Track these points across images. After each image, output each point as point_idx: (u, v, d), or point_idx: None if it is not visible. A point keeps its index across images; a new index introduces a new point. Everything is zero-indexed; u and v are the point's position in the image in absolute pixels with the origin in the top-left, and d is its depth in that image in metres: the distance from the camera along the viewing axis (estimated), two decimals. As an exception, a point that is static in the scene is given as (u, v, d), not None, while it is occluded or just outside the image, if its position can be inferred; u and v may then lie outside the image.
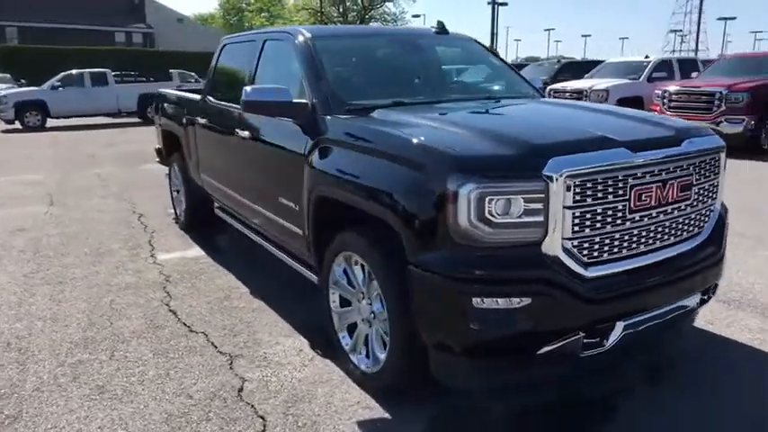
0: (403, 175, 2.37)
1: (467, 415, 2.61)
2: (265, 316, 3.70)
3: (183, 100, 5.28)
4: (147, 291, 4.18)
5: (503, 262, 2.22)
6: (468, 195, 2.14)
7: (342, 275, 2.92)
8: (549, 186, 2.15)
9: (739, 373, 2.96)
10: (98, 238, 5.54)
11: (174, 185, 5.93)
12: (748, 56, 12.41)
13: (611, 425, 2.53)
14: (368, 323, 2.80)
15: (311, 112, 3.12)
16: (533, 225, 2.19)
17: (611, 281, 2.32)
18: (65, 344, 3.37)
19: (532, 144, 2.27)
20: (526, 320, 2.22)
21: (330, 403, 2.73)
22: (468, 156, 2.24)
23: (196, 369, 3.06)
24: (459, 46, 4.04)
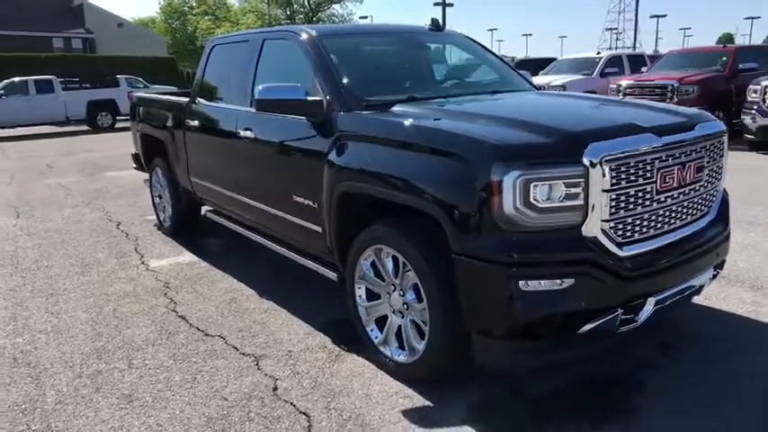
0: (444, 166, 2.42)
1: (505, 397, 2.69)
2: (279, 316, 3.68)
3: (167, 103, 5.16)
4: (149, 298, 4.08)
5: (546, 245, 2.31)
6: (514, 182, 2.22)
7: (369, 269, 2.95)
8: (588, 171, 2.25)
9: (743, 340, 3.16)
10: (79, 248, 5.35)
11: (156, 191, 5.79)
12: (693, 51, 13.10)
13: (642, 396, 2.65)
14: (400, 314, 2.84)
15: (326, 109, 3.14)
16: (574, 209, 2.28)
17: (642, 259, 2.44)
18: (76, 355, 3.26)
19: (570, 131, 2.38)
20: (570, 300, 2.31)
21: (369, 395, 2.75)
22: (510, 144, 2.32)
23: (223, 371, 3.03)
24: (454, 42, 4.12)
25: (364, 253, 2.92)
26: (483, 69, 3.99)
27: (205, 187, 4.62)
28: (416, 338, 2.75)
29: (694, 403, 2.59)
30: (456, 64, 3.98)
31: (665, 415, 2.51)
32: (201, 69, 4.65)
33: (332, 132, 3.06)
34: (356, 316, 3.09)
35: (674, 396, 2.64)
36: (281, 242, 3.83)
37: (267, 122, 3.59)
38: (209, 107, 4.39)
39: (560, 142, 2.31)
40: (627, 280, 2.37)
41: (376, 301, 2.98)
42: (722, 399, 2.62)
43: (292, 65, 3.60)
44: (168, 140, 5.09)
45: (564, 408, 2.60)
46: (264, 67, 3.85)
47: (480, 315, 2.41)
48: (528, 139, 2.35)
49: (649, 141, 2.42)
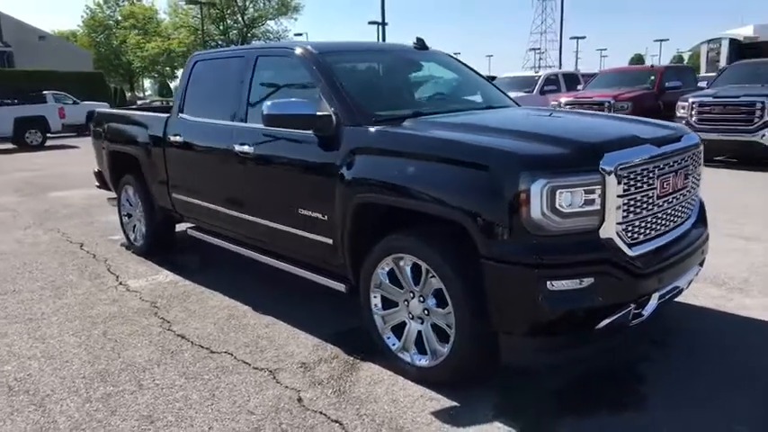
0: (472, 177, 2.56)
1: (527, 393, 2.85)
2: (282, 330, 3.69)
3: (143, 119, 5.05)
4: (139, 318, 3.97)
5: (569, 248, 2.49)
6: (541, 190, 2.39)
7: (385, 278, 3.04)
8: (605, 178, 2.47)
9: (719, 330, 3.48)
10: (45, 270, 5.11)
11: (126, 210, 5.62)
12: (624, 70, 14.07)
13: (645, 386, 2.88)
14: (419, 320, 2.95)
15: (336, 123, 3.22)
16: (592, 213, 2.48)
17: (647, 258, 2.67)
18: (78, 380, 3.15)
19: (588, 143, 2.59)
20: (590, 298, 2.50)
21: (396, 400, 2.83)
22: (536, 155, 2.50)
23: (241, 387, 3.02)
24: (440, 60, 4.31)
25: (382, 262, 3.01)
26: (471, 86, 4.19)
27: (189, 204, 4.56)
28: (438, 342, 2.86)
29: (692, 388, 2.84)
30: (447, 81, 4.16)
31: (670, 400, 2.73)
32: (184, 84, 4.60)
33: (344, 146, 3.15)
34: (372, 324, 3.16)
35: (675, 383, 2.88)
36: (279, 256, 3.84)
37: (269, 137, 3.63)
38: (196, 123, 4.35)
39: (580, 152, 2.52)
40: (639, 277, 2.59)
41: (393, 308, 3.07)
42: (714, 383, 2.88)
43: (292, 81, 3.67)
44: (144, 157, 4.97)
45: (581, 400, 2.78)
46: (260, 82, 3.88)
47: (509, 315, 2.56)
48: (551, 150, 2.54)
49: (651, 151, 2.68)
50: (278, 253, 3.85)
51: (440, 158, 2.70)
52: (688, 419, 2.60)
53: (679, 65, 17.49)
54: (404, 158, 2.84)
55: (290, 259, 3.77)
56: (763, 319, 3.62)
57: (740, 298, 3.94)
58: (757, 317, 3.64)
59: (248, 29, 50.72)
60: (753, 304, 3.82)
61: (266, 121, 3.28)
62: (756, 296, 3.96)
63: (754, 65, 11.11)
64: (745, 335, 3.45)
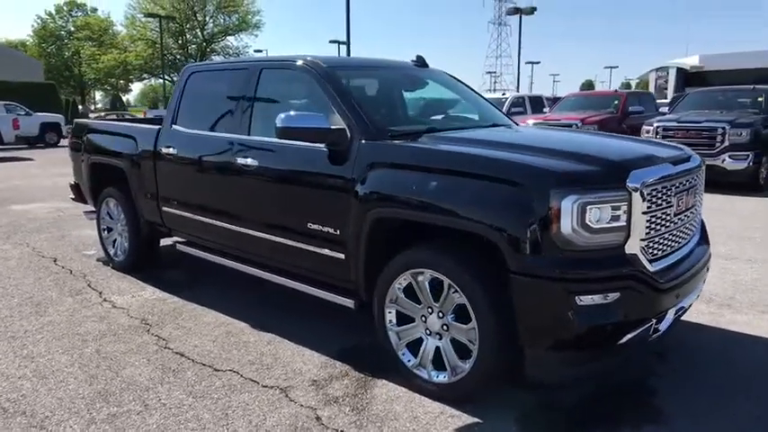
0: (501, 192, 2.58)
1: (548, 408, 2.86)
2: (285, 347, 3.60)
3: (131, 130, 4.90)
4: (131, 336, 3.81)
5: (597, 263, 2.54)
6: (572, 206, 2.44)
7: (401, 293, 3.02)
8: (631, 195, 2.53)
9: (716, 345, 3.60)
10: (20, 286, 4.85)
11: (105, 224, 5.41)
12: (589, 94, 14.59)
13: (658, 398, 2.94)
14: (438, 336, 2.93)
15: (350, 138, 3.21)
16: (619, 229, 2.54)
17: (664, 274, 2.74)
18: (78, 400, 2.98)
19: (615, 161, 2.66)
20: (616, 312, 2.55)
21: (416, 417, 2.79)
22: (567, 172, 2.54)
23: (254, 405, 2.92)
24: (440, 78, 4.35)
25: (399, 277, 2.98)
26: (472, 103, 4.25)
27: (181, 217, 4.42)
28: (457, 358, 2.84)
29: (703, 401, 2.91)
30: (451, 98, 4.20)
31: (685, 413, 2.79)
32: (177, 96, 4.49)
33: (359, 160, 3.13)
34: (386, 340, 3.12)
35: (686, 397, 2.95)
36: (283, 272, 3.76)
37: (276, 151, 3.57)
38: (192, 135, 4.25)
39: (608, 170, 2.58)
40: (660, 292, 2.66)
41: (408, 324, 3.05)
42: (721, 395, 2.97)
43: (300, 94, 3.63)
44: (131, 169, 4.81)
45: (600, 415, 2.81)
46: (264, 95, 3.83)
47: (538, 329, 2.57)
48: (580, 167, 2.60)
49: (669, 170, 2.77)
50: (281, 268, 3.76)
51: (468, 174, 2.71)
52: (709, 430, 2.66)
53: (640, 90, 18.29)
54: (428, 173, 2.83)
55: (294, 275, 3.69)
56: (757, 334, 3.75)
57: (731, 314, 4.09)
58: (751, 332, 3.78)
59: (208, 44, 50.22)
60: (744, 320, 3.97)
61: (279, 134, 3.24)
62: (747, 312, 4.12)
63: (712, 92, 11.71)
64: (743, 349, 3.57)
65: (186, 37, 49.25)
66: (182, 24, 47.44)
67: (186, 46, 49.35)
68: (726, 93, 11.54)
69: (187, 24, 48.43)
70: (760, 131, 9.82)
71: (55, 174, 13.06)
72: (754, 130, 9.71)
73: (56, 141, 22.82)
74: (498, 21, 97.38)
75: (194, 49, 50.03)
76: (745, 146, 9.57)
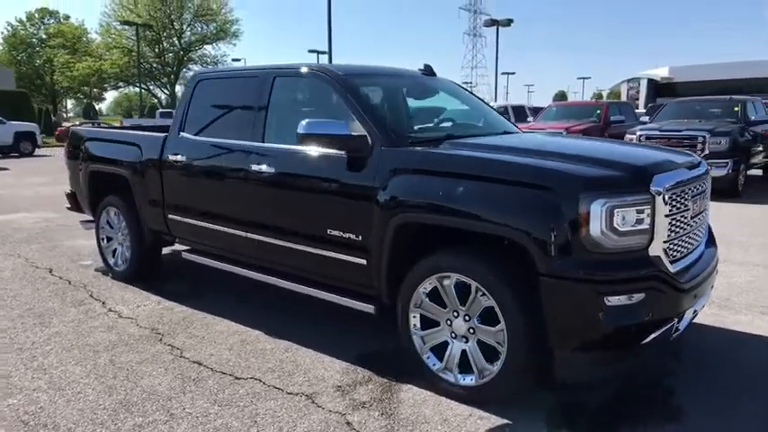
0: (531, 197, 2.64)
1: (574, 407, 2.91)
2: (304, 354, 3.59)
3: (135, 138, 4.85)
4: (144, 346, 3.76)
5: (623, 265, 2.61)
6: (601, 209, 2.51)
7: (426, 297, 3.05)
8: (654, 199, 2.62)
9: (723, 345, 3.71)
10: (18, 298, 4.75)
11: (105, 233, 5.33)
12: (572, 104, 14.89)
13: (678, 398, 3.02)
14: (464, 339, 2.97)
15: (371, 144, 3.24)
16: (643, 232, 2.62)
17: (683, 274, 2.83)
18: (100, 411, 2.94)
19: (638, 165, 2.75)
20: (642, 312, 2.62)
21: (446, 420, 2.82)
22: (595, 177, 2.62)
23: (282, 412, 2.91)
24: (447, 86, 4.42)
25: (425, 281, 3.02)
26: (481, 111, 4.32)
27: (189, 225, 4.39)
28: (485, 361, 2.88)
29: (721, 399, 3.00)
30: (461, 106, 4.26)
31: (706, 411, 2.88)
32: (185, 104, 4.47)
33: (382, 166, 3.16)
34: (410, 345, 3.15)
35: (703, 395, 3.04)
36: (299, 278, 3.76)
37: (294, 157, 3.58)
38: (202, 142, 4.23)
39: (634, 175, 2.67)
40: (681, 292, 2.74)
41: (433, 328, 3.08)
42: (731, 395, 3.06)
43: (316, 101, 3.66)
44: (135, 178, 4.77)
45: (625, 413, 2.87)
46: (278, 103, 3.84)
47: (568, 330, 2.63)
48: (607, 172, 2.67)
49: (686, 174, 2.87)
50: (298, 275, 3.76)
51: (497, 180, 2.77)
52: (731, 427, 2.75)
53: (620, 101, 18.72)
54: (456, 179, 2.88)
55: (310, 281, 3.70)
56: (760, 334, 3.88)
57: (731, 315, 4.22)
58: (753, 332, 3.90)
59: (185, 52, 49.81)
60: (746, 320, 4.10)
61: (301, 140, 3.26)
62: (746, 313, 4.25)
63: (690, 102, 12.06)
64: (748, 349, 3.68)
65: (163, 45, 48.78)
66: (158, 33, 46.98)
67: (163, 54, 48.86)
68: (703, 103, 11.90)
69: (164, 33, 47.98)
70: (738, 140, 10.15)
71: (35, 183, 12.82)
72: (733, 138, 10.03)
73: (30, 151, 22.37)
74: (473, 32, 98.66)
75: (171, 58, 49.59)
76: (725, 154, 9.86)
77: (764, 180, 12.11)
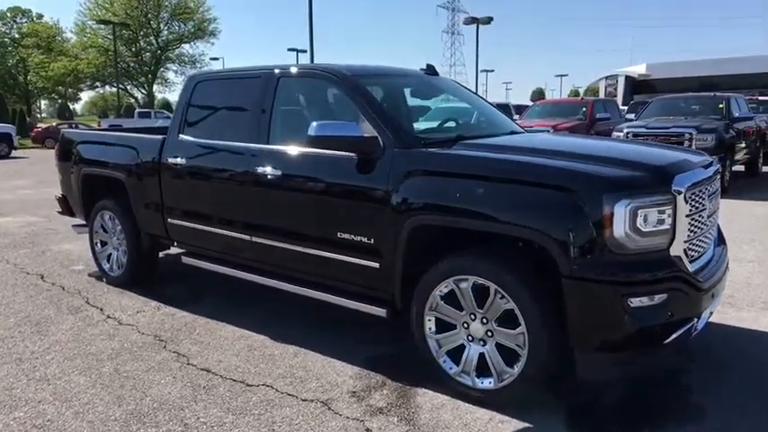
0: (552, 198, 2.62)
1: (593, 406, 2.91)
2: (313, 359, 3.53)
3: (131, 141, 4.74)
4: (148, 353, 3.67)
5: (646, 265, 2.60)
6: (624, 210, 2.50)
7: (441, 300, 3.02)
8: (675, 199, 2.62)
9: (729, 342, 3.74)
10: (11, 305, 4.61)
11: (99, 237, 5.20)
12: (558, 101, 14.99)
13: (696, 396, 3.03)
14: (481, 342, 2.94)
15: (382, 146, 3.20)
16: (665, 232, 2.62)
17: (700, 273, 2.84)
18: (111, 423, 2.85)
19: (659, 166, 2.74)
20: (664, 313, 2.62)
21: (467, 424, 2.79)
22: (618, 177, 2.61)
23: (299, 420, 2.86)
24: (451, 87, 4.39)
25: (441, 284, 2.98)
26: (485, 111, 4.29)
27: (190, 229, 4.29)
28: (504, 364, 2.86)
29: (738, 395, 3.02)
30: (466, 106, 4.23)
31: (727, 408, 2.89)
32: (183, 106, 4.38)
33: (394, 168, 3.12)
34: (425, 349, 3.11)
35: (721, 392, 3.06)
36: (306, 282, 3.69)
37: (302, 159, 3.52)
38: (203, 144, 4.14)
39: (655, 175, 2.66)
40: (700, 292, 2.75)
41: (449, 332, 3.05)
42: (749, 390, 3.09)
43: (323, 102, 3.60)
44: (131, 181, 4.66)
45: (646, 412, 2.87)
46: (284, 104, 3.78)
47: (590, 331, 2.62)
48: (629, 173, 2.66)
49: (703, 174, 2.88)
50: (305, 279, 3.69)
51: (516, 181, 2.75)
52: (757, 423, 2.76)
53: (605, 98, 18.91)
54: (474, 181, 2.85)
55: (318, 285, 3.64)
56: (765, 330, 3.92)
57: (734, 312, 4.26)
58: (758, 328, 3.94)
59: (163, 51, 49.06)
60: (750, 317, 4.14)
61: (312, 143, 3.20)
62: (749, 309, 4.30)
63: (675, 99, 12.22)
64: (758, 345, 3.71)
65: (140, 44, 47.93)
66: (135, 32, 46.17)
67: (140, 53, 48.04)
68: (688, 100, 12.07)
69: (141, 31, 47.14)
70: (723, 137, 10.30)
71: (15, 186, 12.53)
72: (719, 135, 10.18)
73: (7, 152, 21.87)
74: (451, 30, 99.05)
75: (149, 57, 48.80)
76: (711, 150, 9.96)
77: (747, 176, 12.32)
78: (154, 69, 49.43)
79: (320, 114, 3.67)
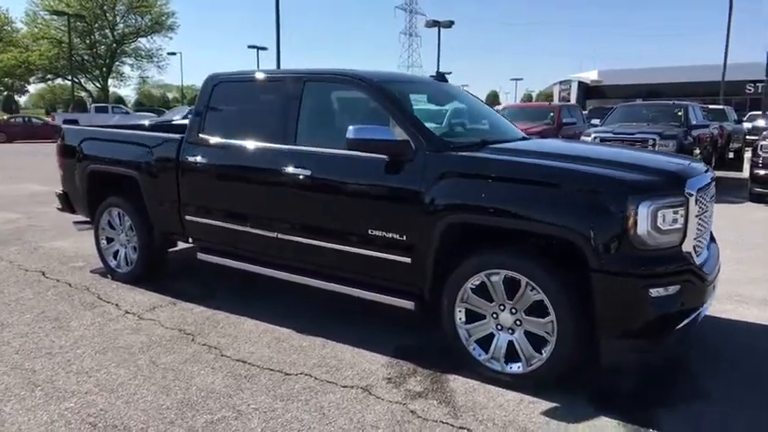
0: (582, 199, 2.92)
1: (616, 389, 3.22)
2: (342, 350, 3.73)
3: (145, 139, 4.80)
4: (179, 346, 3.79)
5: (663, 260, 2.93)
6: (648, 210, 2.82)
7: (472, 292, 3.28)
8: (688, 200, 2.96)
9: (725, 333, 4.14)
10: (22, 302, 4.61)
11: (106, 234, 5.23)
12: (524, 106, 15.53)
13: (701, 381, 3.38)
14: (510, 330, 3.22)
15: (414, 149, 3.43)
16: (678, 230, 2.95)
17: (704, 268, 3.20)
18: (165, 411, 2.98)
19: (674, 171, 3.09)
20: (677, 302, 2.96)
21: (501, 405, 3.06)
22: (641, 181, 2.93)
23: (346, 405, 3.06)
24: (459, 93, 4.66)
25: (473, 277, 3.24)
26: (493, 117, 4.58)
27: (209, 226, 4.41)
28: (532, 350, 3.14)
29: (745, 381, 3.39)
30: (479, 112, 4.49)
31: (729, 390, 3.25)
32: (203, 105, 4.48)
33: (428, 170, 3.35)
34: (455, 337, 3.36)
35: (727, 378, 3.42)
36: (332, 278, 3.88)
37: (334, 161, 3.71)
38: (227, 144, 4.27)
39: (671, 179, 3.00)
40: (706, 283, 3.10)
41: (478, 322, 3.31)
42: (750, 378, 3.47)
43: (352, 107, 3.80)
44: (145, 178, 4.73)
45: (660, 393, 3.19)
46: (312, 107, 3.95)
47: (615, 319, 2.92)
48: (649, 177, 2.99)
49: (707, 178, 3.24)
50: (332, 274, 3.88)
51: (550, 184, 3.02)
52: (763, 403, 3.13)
53: (570, 103, 19.65)
54: (509, 183, 3.12)
55: (343, 279, 3.83)
56: (746, 320, 4.34)
57: (718, 305, 4.68)
58: (740, 318, 4.36)
59: (118, 45, 47.73)
60: (730, 309, 4.57)
61: (349, 145, 3.41)
62: (728, 303, 4.74)
63: (638, 107, 12.92)
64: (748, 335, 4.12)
65: (95, 36, 46.51)
66: (90, 24, 44.76)
67: (95, 46, 46.60)
68: (649, 107, 12.78)
69: (96, 23, 45.76)
70: (683, 142, 10.98)
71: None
72: (679, 141, 10.84)
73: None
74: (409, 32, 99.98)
75: (104, 50, 47.39)
76: (672, 155, 10.65)
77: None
78: (109, 63, 48.05)
79: (348, 118, 3.86)
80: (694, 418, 2.95)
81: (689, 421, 2.92)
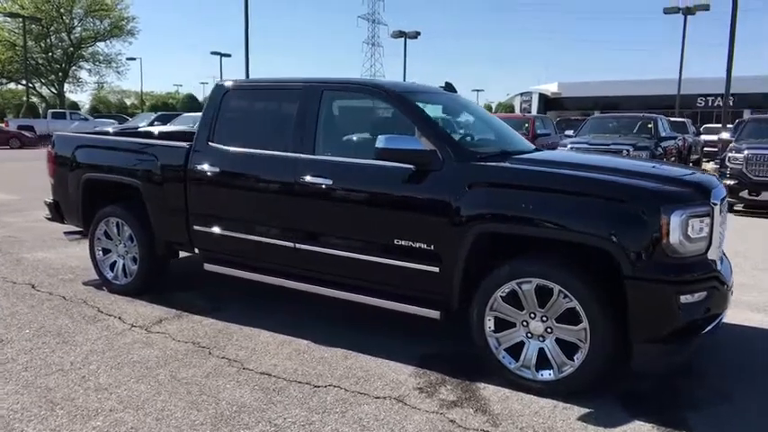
0: (616, 209, 2.99)
1: (642, 394, 3.30)
2: (366, 360, 3.70)
3: (149, 147, 4.68)
4: (197, 360, 3.69)
5: (693, 267, 3.04)
6: (679, 220, 2.92)
7: (502, 300, 3.31)
8: (713, 210, 3.08)
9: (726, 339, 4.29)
10: (18, 316, 4.41)
11: (102, 245, 5.06)
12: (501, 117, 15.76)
13: (720, 381, 3.51)
14: (540, 338, 3.26)
15: (441, 159, 3.46)
16: (705, 239, 3.07)
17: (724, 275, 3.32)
18: (200, 427, 2.90)
19: (699, 183, 3.20)
20: (704, 308, 3.06)
21: (537, 412, 3.09)
22: (673, 192, 3.03)
23: (383, 416, 3.03)
24: (468, 104, 4.72)
25: (504, 286, 3.28)
26: (504, 128, 4.65)
27: (222, 237, 4.32)
28: (563, 357, 3.19)
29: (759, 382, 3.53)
30: (490, 122, 4.56)
31: (748, 395, 3.37)
32: (212, 114, 4.40)
33: (457, 181, 3.38)
34: (485, 346, 3.39)
35: (743, 379, 3.55)
36: (353, 288, 3.86)
37: (357, 170, 3.70)
38: (240, 153, 4.20)
39: (698, 190, 3.12)
40: (728, 290, 3.23)
41: (509, 330, 3.34)
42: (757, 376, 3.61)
43: (372, 117, 3.80)
44: (149, 188, 4.60)
45: (684, 397, 3.29)
46: (330, 116, 3.94)
47: (648, 325, 3.00)
48: (679, 188, 3.10)
49: (724, 191, 3.38)
50: (352, 285, 3.86)
51: (583, 194, 3.09)
52: (764, 403, 3.26)
53: (543, 115, 20.11)
54: (542, 193, 3.17)
55: (365, 290, 3.81)
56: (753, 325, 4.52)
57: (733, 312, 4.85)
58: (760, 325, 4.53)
59: (76, 49, 46.32)
60: (756, 318, 4.72)
61: (379, 155, 3.41)
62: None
63: (610, 119, 13.34)
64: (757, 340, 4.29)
65: (51, 40, 45.00)
66: (46, 27, 43.31)
67: (51, 50, 45.09)
68: (621, 119, 13.23)
69: (52, 26, 44.30)
70: (654, 153, 11.42)
71: None
72: (651, 151, 11.27)
73: None
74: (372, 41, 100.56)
75: (60, 54, 45.89)
76: (644, 166, 11.04)
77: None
78: (65, 67, 46.55)
79: (369, 128, 3.86)
80: (723, 421, 3.05)
81: (719, 424, 3.02)
